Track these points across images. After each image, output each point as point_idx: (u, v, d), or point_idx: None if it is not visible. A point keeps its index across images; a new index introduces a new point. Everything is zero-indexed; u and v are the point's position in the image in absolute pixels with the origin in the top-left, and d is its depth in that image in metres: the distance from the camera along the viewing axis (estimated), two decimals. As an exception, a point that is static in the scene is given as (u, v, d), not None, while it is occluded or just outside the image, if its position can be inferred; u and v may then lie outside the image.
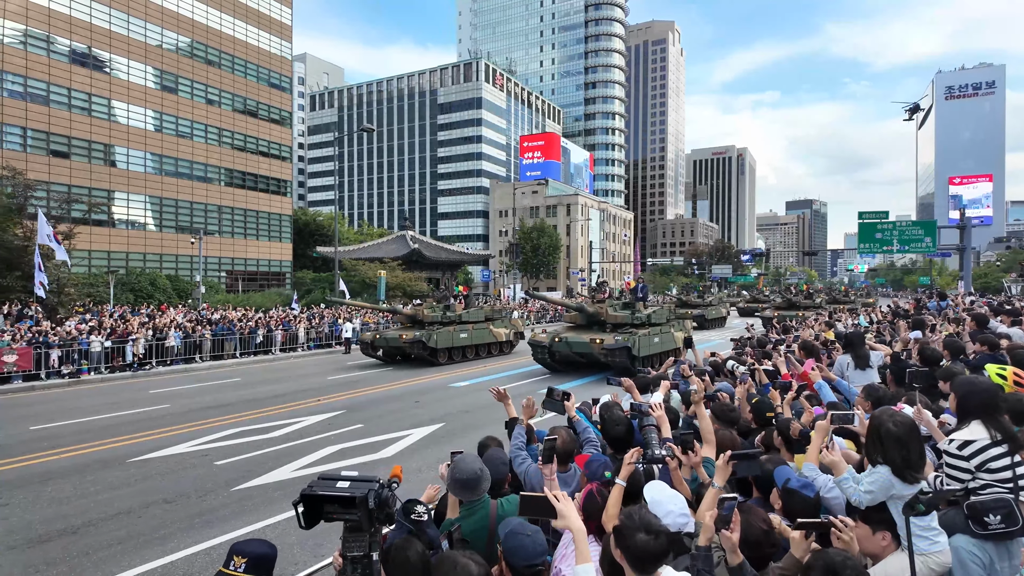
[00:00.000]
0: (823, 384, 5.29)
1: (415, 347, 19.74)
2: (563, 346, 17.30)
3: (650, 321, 17.91)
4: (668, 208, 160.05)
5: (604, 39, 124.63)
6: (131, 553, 5.76)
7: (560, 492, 2.36)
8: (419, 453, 9.38)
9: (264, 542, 2.32)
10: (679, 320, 20.70)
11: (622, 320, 17.62)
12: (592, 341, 16.71)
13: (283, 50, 58.24)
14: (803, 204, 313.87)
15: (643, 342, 16.64)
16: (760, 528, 2.47)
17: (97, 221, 43.45)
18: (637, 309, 18.08)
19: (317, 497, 1.86)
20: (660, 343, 17.80)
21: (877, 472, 2.63)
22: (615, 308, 18.10)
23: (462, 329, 21.27)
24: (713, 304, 39.61)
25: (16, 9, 39.56)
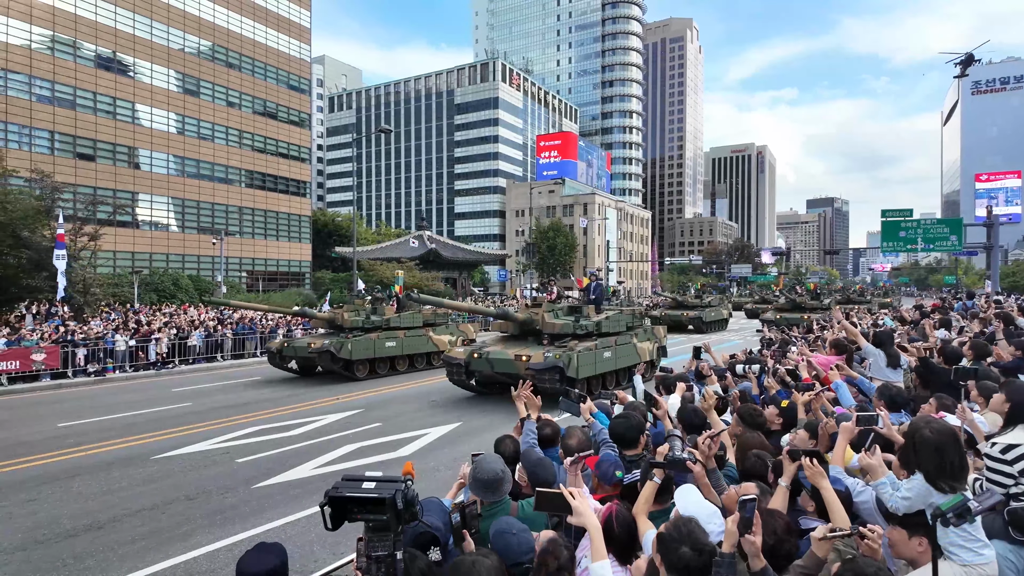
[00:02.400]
0: (841, 384, 5.19)
1: (323, 358, 16.39)
2: (483, 363, 13.01)
3: (600, 331, 13.93)
4: (686, 207, 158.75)
5: (621, 37, 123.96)
6: (154, 549, 5.86)
7: (576, 489, 2.36)
8: (436, 452, 9.42)
9: (271, 552, 2.24)
10: (645, 328, 16.32)
11: (561, 329, 13.43)
12: (517, 358, 12.62)
13: (302, 52, 58.84)
14: (824, 202, 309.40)
15: (584, 359, 12.58)
16: (781, 530, 2.44)
17: (121, 222, 44.28)
18: (584, 315, 14.13)
19: (344, 499, 1.88)
20: (612, 358, 13.90)
21: (916, 479, 2.56)
22: (556, 314, 13.98)
23: (390, 336, 17.76)
24: (713, 305, 35.90)
25: (43, 15, 40.49)
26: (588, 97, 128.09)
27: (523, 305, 15.80)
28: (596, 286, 15.98)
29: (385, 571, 1.88)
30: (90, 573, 5.39)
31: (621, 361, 14.31)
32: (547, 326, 13.52)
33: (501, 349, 13.40)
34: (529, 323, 13.79)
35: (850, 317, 16.15)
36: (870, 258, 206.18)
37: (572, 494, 2.25)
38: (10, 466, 8.79)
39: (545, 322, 13.57)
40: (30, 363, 16.72)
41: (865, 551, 2.24)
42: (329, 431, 10.80)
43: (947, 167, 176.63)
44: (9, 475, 8.37)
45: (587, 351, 12.88)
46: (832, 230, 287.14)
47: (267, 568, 2.13)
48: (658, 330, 17.02)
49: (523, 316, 13.94)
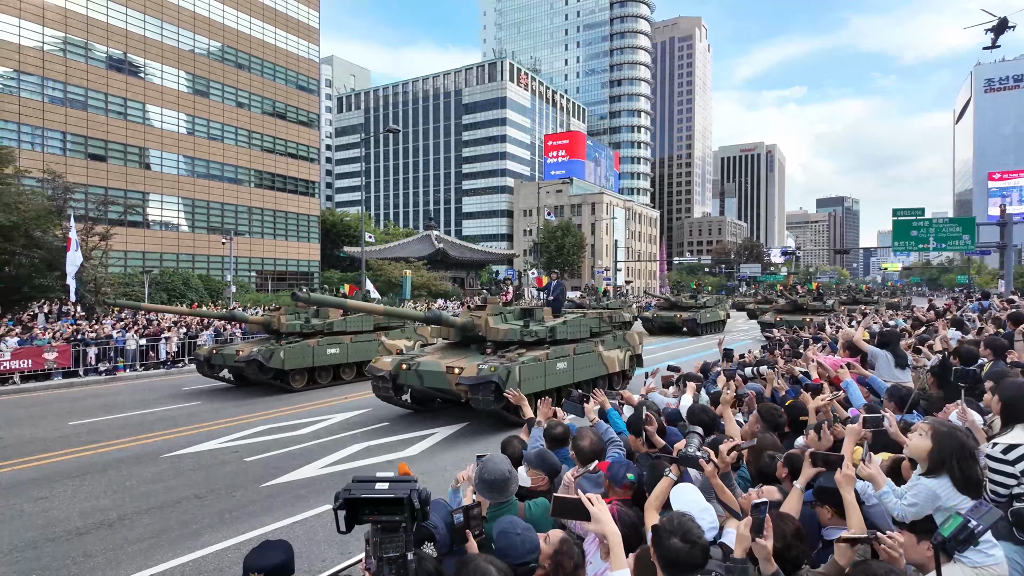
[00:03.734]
0: (851, 383, 5.12)
1: (251, 368, 14.36)
2: (412, 377, 10.98)
3: (554, 337, 11.86)
4: (695, 206, 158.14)
5: (629, 36, 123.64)
6: (164, 547, 5.88)
7: (594, 495, 2.33)
8: (444, 452, 9.41)
9: (277, 548, 2.23)
10: (615, 334, 14.26)
11: (506, 336, 11.34)
12: (448, 371, 10.58)
13: (310, 53, 59.09)
14: (834, 202, 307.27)
15: (529, 371, 10.56)
16: (790, 534, 2.40)
17: (132, 222, 44.67)
18: (537, 319, 12.04)
19: (358, 500, 1.86)
20: (569, 370, 11.78)
21: (920, 484, 2.52)
22: (505, 318, 11.78)
23: (333, 342, 15.86)
24: (708, 306, 33.27)
25: (56, 17, 40.87)
26: (596, 96, 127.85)
27: (465, 308, 13.65)
28: (556, 285, 13.97)
29: (396, 572, 1.86)
30: (100, 571, 5.41)
31: (581, 373, 12.13)
32: (490, 332, 11.31)
33: (435, 359, 11.13)
34: (470, 328, 11.52)
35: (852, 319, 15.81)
36: (881, 257, 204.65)
37: (590, 500, 2.23)
38: (22, 464, 8.87)
39: (488, 327, 11.32)
40: (42, 362, 16.87)
41: (884, 558, 2.19)
42: (336, 430, 10.81)
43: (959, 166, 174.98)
44: (21, 473, 8.44)
45: (533, 362, 10.75)
46: (842, 229, 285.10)
47: (273, 563, 2.12)
48: (632, 336, 14.84)
49: (462, 320, 11.65)
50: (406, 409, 12.36)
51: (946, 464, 2.50)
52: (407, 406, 12.31)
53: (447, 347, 12.18)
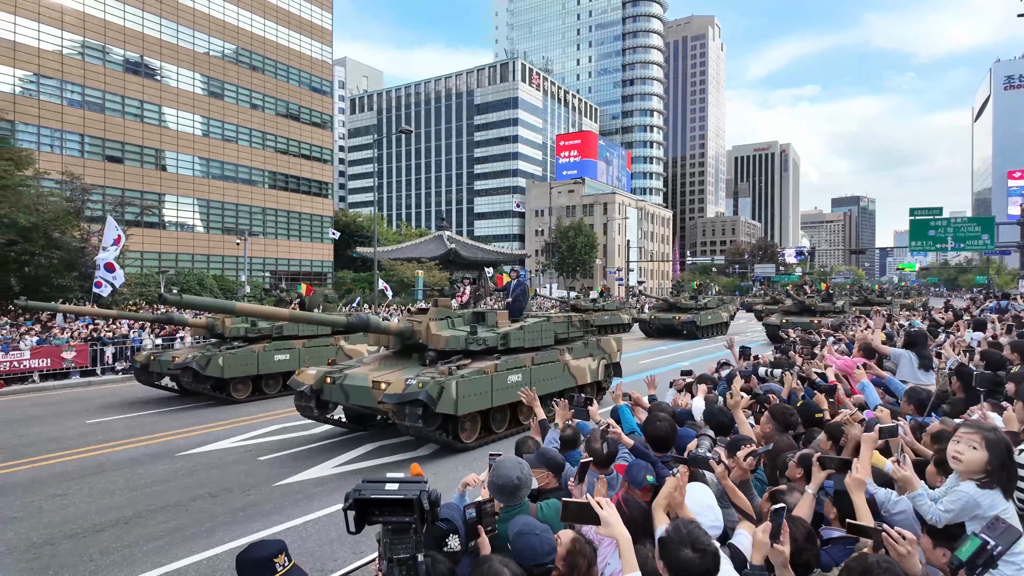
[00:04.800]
0: (868, 385, 5.05)
1: (185, 376, 13.18)
2: (337, 392, 9.47)
3: (507, 345, 10.31)
4: (708, 206, 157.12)
5: (642, 36, 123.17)
6: (179, 545, 5.93)
7: (603, 498, 2.31)
8: (456, 452, 9.40)
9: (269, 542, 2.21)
10: (587, 341, 12.57)
11: (449, 344, 9.65)
12: (375, 386, 8.95)
13: (324, 54, 59.47)
14: (850, 201, 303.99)
15: (468, 386, 8.91)
16: (802, 538, 2.37)
17: (149, 223, 45.18)
18: (489, 324, 10.62)
19: (368, 501, 1.85)
20: (523, 383, 9.81)
21: (960, 490, 2.45)
22: (450, 322, 10.25)
23: (282, 347, 14.42)
24: (709, 307, 31.04)
25: (74, 21, 41.47)
26: (609, 96, 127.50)
27: (406, 312, 11.80)
28: (516, 285, 11.85)
29: (406, 574, 1.85)
30: (116, 568, 5.46)
31: (541, 386, 10.21)
32: (432, 340, 9.67)
33: (364, 372, 9.56)
34: (409, 336, 9.90)
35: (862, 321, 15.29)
36: (897, 258, 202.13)
37: (600, 503, 2.20)
38: (41, 461, 8.99)
39: (429, 334, 9.71)
40: (60, 361, 17.12)
41: (894, 556, 2.14)
42: (349, 430, 10.84)
43: (978, 164, 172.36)
44: (40, 470, 8.56)
45: (476, 375, 9.12)
46: (858, 229, 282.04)
47: (264, 554, 2.11)
48: (607, 343, 13.20)
49: (398, 326, 10.02)
50: (342, 428, 10.75)
51: (998, 473, 2.42)
52: (339, 424, 10.60)
53: (386, 358, 10.53)
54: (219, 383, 13.49)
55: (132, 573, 5.37)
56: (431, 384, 8.45)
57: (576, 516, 2.24)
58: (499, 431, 10.07)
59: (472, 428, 9.57)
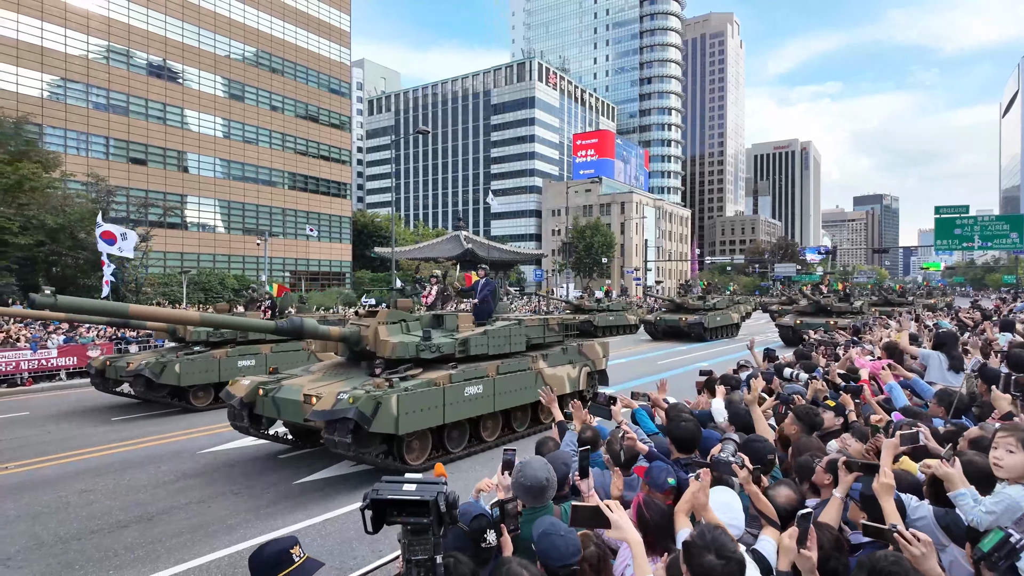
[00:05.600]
0: (895, 386, 4.94)
1: (137, 384, 12.31)
2: (269, 406, 8.34)
3: (467, 352, 9.14)
4: (727, 205, 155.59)
5: (659, 34, 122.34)
6: (201, 541, 6.00)
7: (613, 501, 2.29)
8: (474, 454, 9.40)
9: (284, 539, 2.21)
10: (567, 347, 11.27)
11: (397, 352, 8.46)
12: (306, 400, 7.88)
13: (342, 56, 59.98)
14: (872, 199, 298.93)
15: (413, 401, 7.71)
16: (829, 544, 2.32)
17: (171, 224, 45.95)
18: (448, 328, 9.44)
19: (385, 501, 1.85)
20: (487, 396, 8.95)
21: (1005, 492, 2.40)
22: (404, 326, 9.02)
23: (246, 352, 13.38)
24: (718, 308, 29.46)
25: (99, 26, 42.31)
26: (626, 95, 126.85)
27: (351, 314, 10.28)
28: (484, 284, 10.72)
29: (425, 574, 1.84)
30: (140, 564, 5.54)
31: (509, 398, 9.38)
32: (380, 346, 8.52)
33: (302, 383, 8.39)
34: (355, 342, 8.68)
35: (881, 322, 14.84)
36: (922, 257, 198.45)
37: (609, 507, 2.18)
38: (67, 458, 9.17)
39: (377, 340, 8.55)
40: (87, 359, 17.45)
41: (908, 558, 2.09)
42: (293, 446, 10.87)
43: (1006, 161, 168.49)
44: (67, 466, 8.73)
45: (424, 388, 7.96)
46: (881, 228, 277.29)
47: (280, 547, 2.12)
48: (591, 348, 11.84)
49: (341, 331, 8.58)
50: (284, 445, 9.54)
51: None
52: (281, 440, 9.37)
53: (337, 366, 9.33)
54: (177, 391, 12.50)
55: (156, 569, 5.45)
56: (364, 399, 7.22)
57: (587, 520, 2.22)
58: (456, 450, 8.83)
59: (421, 448, 8.34)
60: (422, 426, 7.95)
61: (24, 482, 8.01)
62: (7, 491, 7.63)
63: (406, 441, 7.99)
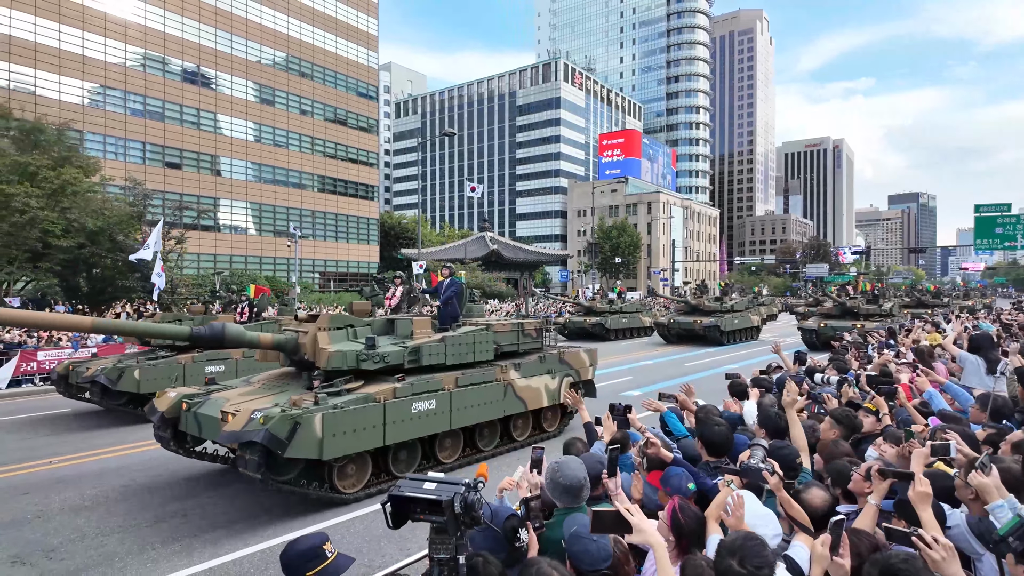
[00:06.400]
0: (934, 393, 4.82)
1: (94, 392, 11.58)
2: (192, 423, 7.29)
3: (419, 363, 8.06)
4: (757, 204, 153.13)
5: (687, 32, 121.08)
6: (235, 536, 6.15)
7: (633, 505, 2.28)
8: (513, 450, 9.43)
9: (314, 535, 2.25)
10: (545, 356, 10.11)
11: (335, 362, 7.40)
12: (223, 417, 6.85)
13: (370, 60, 60.72)
14: (908, 198, 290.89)
15: (343, 421, 6.66)
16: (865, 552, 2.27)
17: (205, 226, 47.06)
18: (400, 334, 8.56)
19: (404, 498, 1.88)
20: (439, 411, 7.88)
21: None
22: (349, 333, 8.01)
23: (215, 358, 12.47)
24: (736, 309, 27.59)
25: (137, 35, 43.59)
26: (652, 94, 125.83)
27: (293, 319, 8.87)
28: (450, 285, 9.64)
29: (447, 574, 1.86)
30: (176, 557, 5.70)
31: (469, 414, 8.34)
32: (318, 356, 7.44)
33: (229, 396, 7.38)
34: (292, 351, 7.62)
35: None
36: (960, 257, 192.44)
37: (629, 511, 2.18)
38: (108, 453, 9.47)
39: (315, 349, 7.49)
40: (124, 358, 17.97)
41: (930, 563, 2.05)
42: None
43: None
44: (107, 461, 9.02)
45: (358, 404, 6.90)
46: (917, 227, 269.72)
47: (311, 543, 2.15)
48: (576, 356, 10.74)
49: (273, 339, 7.48)
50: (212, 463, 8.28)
51: None
52: (215, 460, 8.16)
53: (278, 378, 8.35)
54: (137, 399, 11.43)
55: (191, 562, 5.60)
56: (278, 420, 6.16)
57: (608, 526, 2.21)
58: (403, 475, 6.74)
59: (358, 474, 7.25)
60: (356, 449, 6.88)
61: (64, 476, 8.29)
62: (51, 484, 7.91)
63: (337, 467, 6.97)
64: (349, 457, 7.00)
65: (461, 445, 8.71)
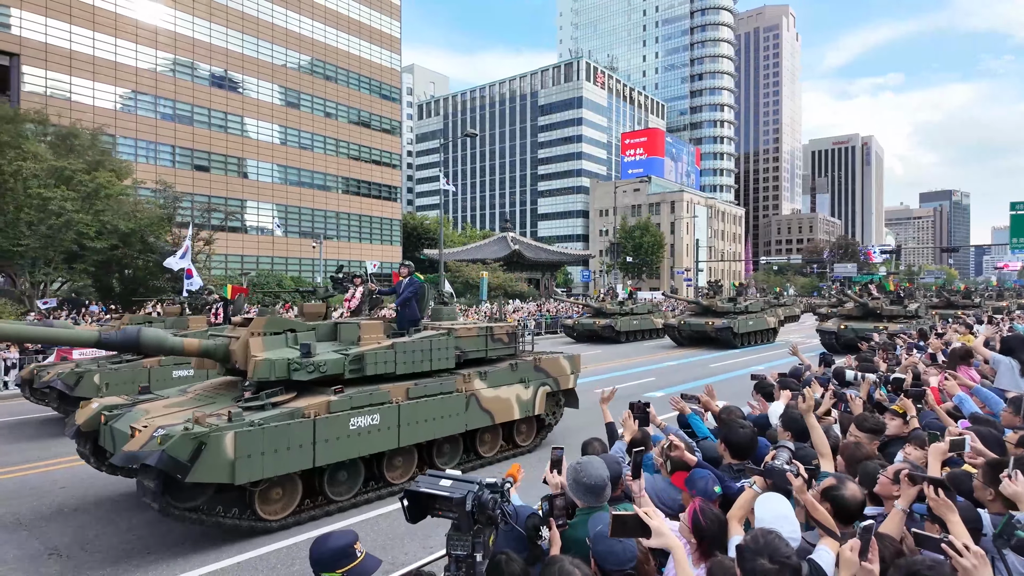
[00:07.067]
0: (965, 398, 4.71)
1: (51, 398, 10.89)
2: (108, 439, 6.49)
3: (362, 373, 7.16)
4: (783, 203, 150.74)
5: (711, 29, 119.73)
6: (260, 535, 6.26)
7: (652, 508, 2.28)
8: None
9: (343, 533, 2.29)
10: (518, 364, 9.17)
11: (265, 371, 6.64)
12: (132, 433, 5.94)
13: (393, 62, 61.27)
14: (940, 196, 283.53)
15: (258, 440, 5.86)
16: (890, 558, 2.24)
17: (232, 228, 47.96)
18: (343, 342, 7.66)
19: (419, 493, 1.91)
20: (384, 428, 7.03)
21: None
22: (289, 339, 7.19)
23: (182, 362, 11.40)
24: (751, 311, 26.33)
25: (167, 40, 44.62)
26: (676, 92, 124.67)
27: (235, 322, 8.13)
28: (409, 284, 9.00)
29: (465, 571, 1.88)
30: (205, 553, 5.86)
31: (423, 430, 7.49)
32: (252, 365, 6.64)
33: (148, 410, 6.58)
34: (224, 358, 7.03)
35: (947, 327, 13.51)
36: (996, 256, 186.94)
37: (648, 513, 2.18)
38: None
39: (248, 356, 6.74)
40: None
41: (960, 571, 2.01)
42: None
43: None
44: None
45: (278, 422, 6.04)
46: (950, 226, 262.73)
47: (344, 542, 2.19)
48: (555, 363, 9.80)
49: (200, 345, 6.89)
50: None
51: None
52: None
53: (215, 387, 7.56)
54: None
55: (219, 557, 5.74)
56: (178, 439, 5.38)
57: (626, 530, 2.21)
58: (342, 498, 6.88)
59: (285, 499, 6.44)
60: (278, 472, 6.05)
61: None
62: (86, 480, 8.10)
63: (259, 491, 6.15)
64: (276, 480, 6.24)
65: (415, 463, 7.77)
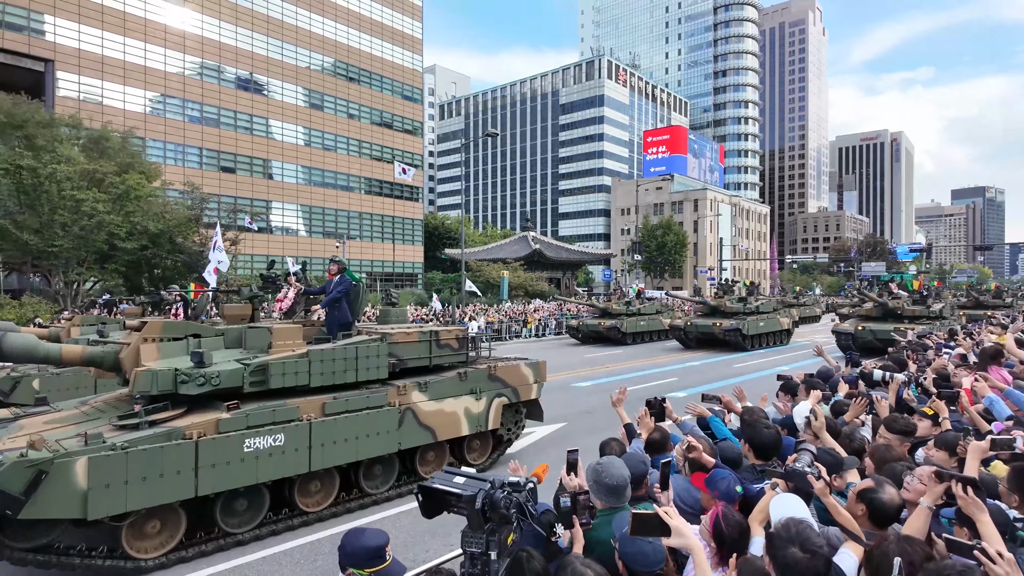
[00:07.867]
0: (996, 399, 4.58)
1: None
2: None
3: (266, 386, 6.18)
4: (809, 201, 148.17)
5: (735, 25, 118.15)
6: (283, 530, 6.35)
7: (671, 508, 2.26)
8: (543, 451, 9.45)
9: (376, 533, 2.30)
10: (473, 372, 8.18)
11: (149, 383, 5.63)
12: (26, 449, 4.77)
13: (415, 64, 61.67)
14: (973, 192, 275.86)
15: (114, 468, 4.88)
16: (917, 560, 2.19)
17: (258, 228, 48.74)
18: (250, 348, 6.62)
19: (433, 490, 1.92)
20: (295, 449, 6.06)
21: None
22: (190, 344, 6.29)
23: None
24: (762, 311, 25.06)
25: (194, 44, 45.52)
26: (699, 89, 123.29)
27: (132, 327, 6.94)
28: (339, 282, 8.04)
29: (481, 568, 1.89)
30: (225, 554, 5.94)
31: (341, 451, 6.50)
32: (132, 376, 5.77)
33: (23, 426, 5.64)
34: (111, 367, 6.36)
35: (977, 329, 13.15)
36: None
37: (668, 513, 2.16)
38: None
39: (136, 366, 5.86)
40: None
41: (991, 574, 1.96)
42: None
43: None
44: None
45: (149, 444, 5.17)
46: (983, 223, 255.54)
47: (377, 543, 2.21)
48: (514, 372, 8.73)
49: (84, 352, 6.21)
50: None
51: None
52: None
53: (113, 401, 6.50)
54: None
55: (241, 554, 5.84)
56: (9, 467, 4.49)
57: (646, 529, 2.20)
58: (240, 530, 5.98)
59: (165, 535, 5.54)
60: (147, 503, 5.14)
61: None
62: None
63: (127, 525, 5.22)
64: (151, 513, 5.31)
65: (336, 488, 6.74)
